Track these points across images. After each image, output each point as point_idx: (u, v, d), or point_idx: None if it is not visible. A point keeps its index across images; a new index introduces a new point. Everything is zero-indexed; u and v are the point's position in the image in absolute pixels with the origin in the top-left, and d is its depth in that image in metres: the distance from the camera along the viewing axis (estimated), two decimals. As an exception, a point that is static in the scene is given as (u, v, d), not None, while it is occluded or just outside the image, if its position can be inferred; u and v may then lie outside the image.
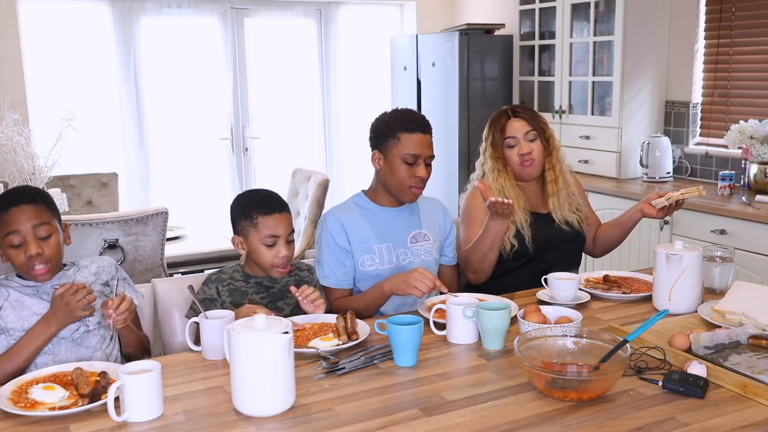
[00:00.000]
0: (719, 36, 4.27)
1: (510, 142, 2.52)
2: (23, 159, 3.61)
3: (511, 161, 2.52)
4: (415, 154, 2.22)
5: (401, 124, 2.24)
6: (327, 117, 6.04)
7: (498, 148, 2.53)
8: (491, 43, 5.29)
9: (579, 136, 4.69)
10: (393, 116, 2.28)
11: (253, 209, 2.09)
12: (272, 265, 2.08)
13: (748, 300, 1.95)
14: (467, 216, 2.53)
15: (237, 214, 2.13)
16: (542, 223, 2.53)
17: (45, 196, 1.98)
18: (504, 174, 2.51)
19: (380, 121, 2.29)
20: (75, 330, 1.91)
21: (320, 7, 5.87)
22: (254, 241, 2.09)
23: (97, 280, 2.02)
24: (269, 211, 2.08)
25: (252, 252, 2.11)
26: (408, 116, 2.27)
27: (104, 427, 1.48)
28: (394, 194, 2.30)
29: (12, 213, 1.88)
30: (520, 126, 2.52)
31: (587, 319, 2.04)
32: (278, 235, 2.07)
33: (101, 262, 2.08)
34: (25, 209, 1.89)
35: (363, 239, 2.27)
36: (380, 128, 2.28)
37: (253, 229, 2.08)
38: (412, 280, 2.06)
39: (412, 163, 2.22)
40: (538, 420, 1.47)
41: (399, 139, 2.22)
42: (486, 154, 2.56)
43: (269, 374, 1.49)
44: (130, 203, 5.28)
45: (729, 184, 3.87)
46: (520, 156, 2.50)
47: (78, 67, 5.21)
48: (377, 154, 2.28)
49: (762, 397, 1.52)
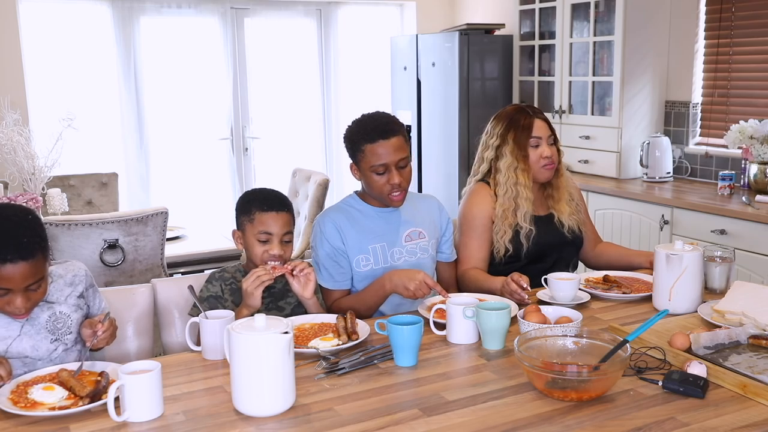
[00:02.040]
0: (719, 36, 4.27)
1: (534, 142, 2.49)
2: (23, 159, 3.61)
3: (532, 161, 2.49)
4: (383, 163, 2.18)
5: (362, 136, 2.20)
6: (327, 117, 6.04)
7: (523, 145, 2.49)
8: (491, 43, 5.29)
9: (579, 136, 4.69)
10: (356, 128, 2.24)
11: (252, 204, 2.12)
12: (263, 261, 2.09)
13: (748, 300, 1.95)
14: (463, 224, 2.52)
15: (238, 208, 2.16)
16: (542, 225, 2.52)
17: (41, 242, 1.73)
18: (524, 173, 2.48)
19: (347, 136, 2.26)
20: (53, 350, 1.82)
21: (320, 7, 5.87)
22: (249, 236, 2.11)
23: (73, 292, 1.91)
24: (266, 208, 2.10)
25: (246, 248, 2.14)
26: (368, 125, 2.21)
27: (104, 427, 1.47)
28: (379, 201, 2.30)
29: (6, 270, 1.65)
30: (544, 128, 2.51)
31: (587, 319, 2.04)
32: (271, 233, 2.09)
33: (74, 269, 1.94)
34: (20, 267, 1.66)
35: (357, 240, 2.27)
36: (347, 143, 2.26)
37: (249, 223, 2.11)
38: (413, 287, 2.07)
39: (382, 173, 2.20)
40: (538, 420, 1.46)
41: (364, 152, 2.20)
42: (505, 150, 2.50)
43: (269, 374, 1.49)
44: (130, 203, 5.28)
45: (729, 184, 3.88)
46: (543, 158, 2.49)
47: (78, 67, 5.21)
48: (353, 166, 2.28)
49: (762, 397, 1.52)
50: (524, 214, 2.47)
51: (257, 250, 2.10)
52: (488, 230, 2.49)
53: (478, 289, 2.30)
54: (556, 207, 2.57)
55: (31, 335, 1.81)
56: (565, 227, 2.56)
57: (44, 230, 1.77)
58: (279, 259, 2.09)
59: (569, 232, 2.56)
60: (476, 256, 2.48)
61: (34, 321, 1.82)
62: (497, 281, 2.26)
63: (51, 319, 1.84)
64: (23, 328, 1.80)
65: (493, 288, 2.26)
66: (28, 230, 1.70)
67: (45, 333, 1.82)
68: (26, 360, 1.80)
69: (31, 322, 1.81)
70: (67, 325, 1.86)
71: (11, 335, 1.79)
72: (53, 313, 1.85)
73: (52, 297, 1.86)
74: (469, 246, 2.49)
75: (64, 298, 1.88)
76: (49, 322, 1.83)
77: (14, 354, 1.79)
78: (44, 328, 1.82)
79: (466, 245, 2.50)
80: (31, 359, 1.80)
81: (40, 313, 1.83)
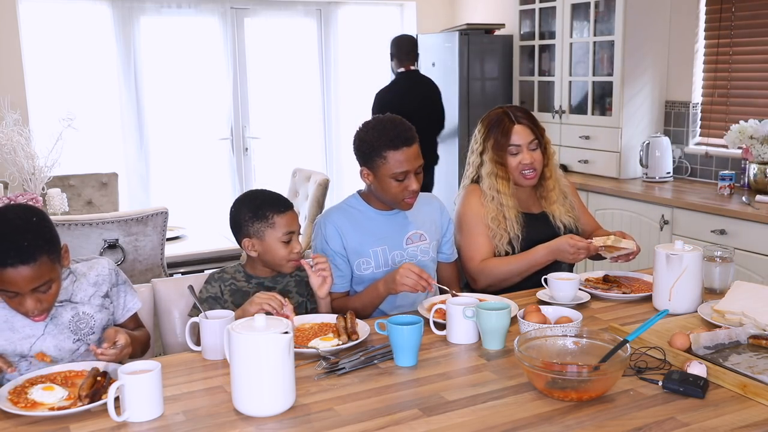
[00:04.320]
0: (719, 36, 4.27)
1: (513, 150, 2.46)
2: (23, 159, 3.61)
3: (512, 168, 2.47)
4: (404, 170, 2.18)
5: (385, 142, 2.17)
6: (327, 117, 6.04)
7: (501, 154, 2.47)
8: (491, 43, 5.29)
9: (579, 136, 4.69)
10: (375, 134, 2.19)
11: (266, 209, 2.09)
12: (288, 260, 2.10)
13: (748, 300, 1.95)
14: (463, 225, 2.50)
15: (248, 216, 2.10)
16: (535, 223, 2.51)
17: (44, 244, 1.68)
18: (504, 181, 2.46)
19: (363, 140, 2.22)
20: (75, 350, 1.83)
21: (320, 7, 5.87)
22: (271, 241, 2.08)
23: (97, 292, 1.89)
24: (283, 210, 2.10)
25: (266, 252, 2.09)
26: (390, 132, 2.18)
27: (104, 427, 1.48)
28: (389, 205, 2.30)
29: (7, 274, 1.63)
30: (525, 134, 2.46)
31: (587, 319, 2.04)
32: (293, 231, 2.10)
33: (99, 267, 1.92)
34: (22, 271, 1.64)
35: (358, 242, 2.26)
36: (363, 148, 2.22)
37: (269, 228, 2.08)
38: (399, 277, 2.06)
39: (402, 180, 2.20)
40: (538, 420, 1.47)
41: (386, 159, 2.17)
42: (486, 158, 2.49)
43: (269, 374, 1.49)
44: (130, 203, 5.28)
45: (729, 184, 3.88)
46: (522, 165, 2.46)
47: (78, 67, 5.21)
48: (365, 170, 2.25)
49: (762, 397, 1.52)
50: (510, 220, 2.44)
51: (282, 252, 2.08)
52: (488, 227, 2.47)
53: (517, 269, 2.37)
54: (549, 208, 2.54)
55: (54, 335, 1.81)
56: (558, 223, 2.53)
57: (51, 231, 1.74)
58: (300, 254, 2.11)
59: (566, 230, 2.53)
60: (486, 248, 2.45)
61: (57, 320, 1.82)
62: (544, 247, 2.35)
63: (74, 319, 1.83)
64: (47, 327, 1.80)
65: (539, 256, 2.35)
66: (29, 233, 1.67)
67: (68, 333, 1.82)
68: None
69: (54, 322, 1.81)
70: (90, 326, 1.85)
71: (35, 334, 1.79)
72: (76, 313, 1.84)
73: (76, 297, 1.85)
74: (476, 241, 2.45)
75: (87, 298, 1.87)
76: (72, 322, 1.83)
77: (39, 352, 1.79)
78: (67, 328, 1.82)
79: (473, 241, 2.46)
80: (54, 359, 1.80)
81: (63, 313, 1.83)
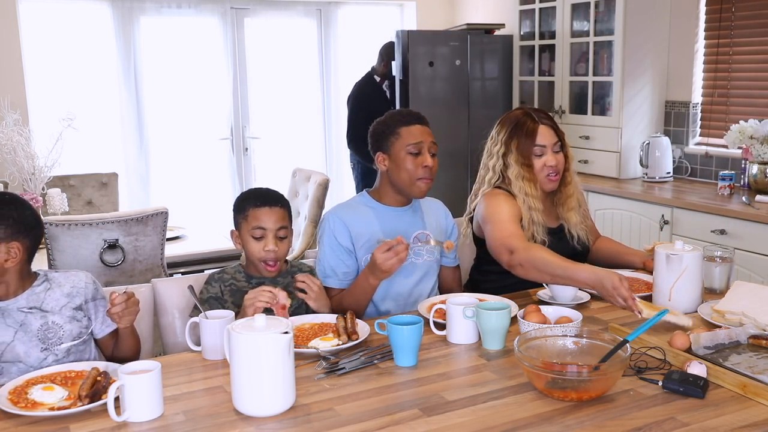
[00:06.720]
0: (719, 36, 4.27)
1: (537, 151, 2.39)
2: (23, 159, 3.62)
3: (537, 170, 2.40)
4: (418, 142, 2.24)
5: (398, 120, 2.29)
6: (327, 117, 6.04)
7: (527, 155, 2.39)
8: (491, 43, 5.29)
9: (579, 136, 4.69)
10: (389, 116, 2.33)
11: (246, 202, 2.13)
12: (259, 258, 2.09)
13: (748, 300, 1.95)
14: (491, 216, 2.34)
15: (234, 207, 2.18)
16: (554, 238, 2.42)
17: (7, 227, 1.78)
18: (531, 183, 2.38)
19: (377, 124, 2.33)
20: (43, 360, 1.81)
21: (320, 7, 5.87)
22: (244, 233, 2.11)
23: (69, 303, 1.87)
24: (260, 204, 2.11)
25: (243, 246, 2.14)
26: (403, 111, 2.35)
27: (104, 427, 1.48)
28: (404, 191, 2.28)
29: None
30: (549, 135, 2.40)
31: (587, 319, 2.04)
32: (265, 228, 2.08)
33: (76, 280, 1.91)
34: None
35: (367, 238, 2.26)
36: (379, 130, 2.31)
37: (243, 221, 2.11)
38: (380, 262, 2.01)
39: (417, 153, 2.23)
40: (538, 420, 1.47)
41: (399, 134, 2.25)
42: (510, 160, 2.41)
43: (269, 374, 1.49)
44: (130, 203, 5.28)
45: (729, 184, 3.88)
46: (547, 167, 2.39)
47: (78, 66, 5.21)
48: (381, 155, 2.29)
49: (762, 397, 1.52)
50: (537, 226, 2.37)
51: (252, 246, 2.09)
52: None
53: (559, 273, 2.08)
54: (565, 216, 2.48)
55: (24, 342, 1.80)
56: (575, 238, 2.48)
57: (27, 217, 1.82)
58: (273, 254, 2.08)
59: (579, 243, 2.49)
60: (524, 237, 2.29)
61: (27, 327, 1.81)
62: (591, 270, 2.03)
63: (43, 327, 1.82)
64: (17, 334, 1.80)
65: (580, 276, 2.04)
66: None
67: (36, 341, 1.81)
68: (20, 365, 1.80)
69: (24, 329, 1.81)
70: (59, 336, 1.84)
71: (5, 340, 1.79)
72: (45, 322, 1.83)
73: (47, 305, 1.85)
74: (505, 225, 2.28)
75: (58, 308, 1.86)
76: (40, 331, 1.82)
77: (9, 358, 1.79)
78: (35, 336, 1.81)
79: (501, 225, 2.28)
80: (25, 365, 1.80)
81: (33, 321, 1.82)
